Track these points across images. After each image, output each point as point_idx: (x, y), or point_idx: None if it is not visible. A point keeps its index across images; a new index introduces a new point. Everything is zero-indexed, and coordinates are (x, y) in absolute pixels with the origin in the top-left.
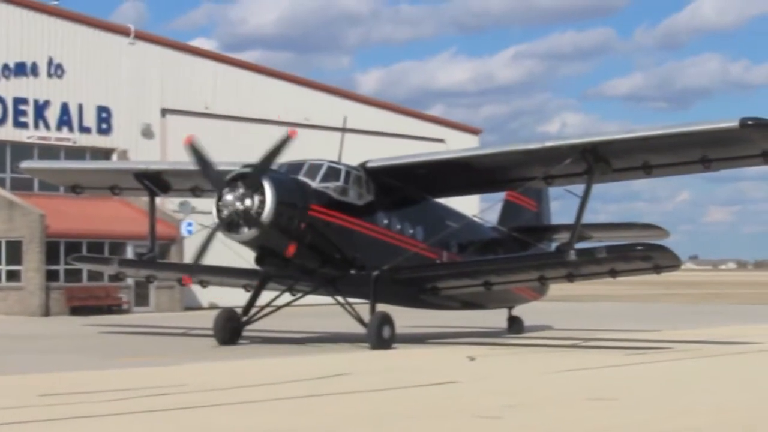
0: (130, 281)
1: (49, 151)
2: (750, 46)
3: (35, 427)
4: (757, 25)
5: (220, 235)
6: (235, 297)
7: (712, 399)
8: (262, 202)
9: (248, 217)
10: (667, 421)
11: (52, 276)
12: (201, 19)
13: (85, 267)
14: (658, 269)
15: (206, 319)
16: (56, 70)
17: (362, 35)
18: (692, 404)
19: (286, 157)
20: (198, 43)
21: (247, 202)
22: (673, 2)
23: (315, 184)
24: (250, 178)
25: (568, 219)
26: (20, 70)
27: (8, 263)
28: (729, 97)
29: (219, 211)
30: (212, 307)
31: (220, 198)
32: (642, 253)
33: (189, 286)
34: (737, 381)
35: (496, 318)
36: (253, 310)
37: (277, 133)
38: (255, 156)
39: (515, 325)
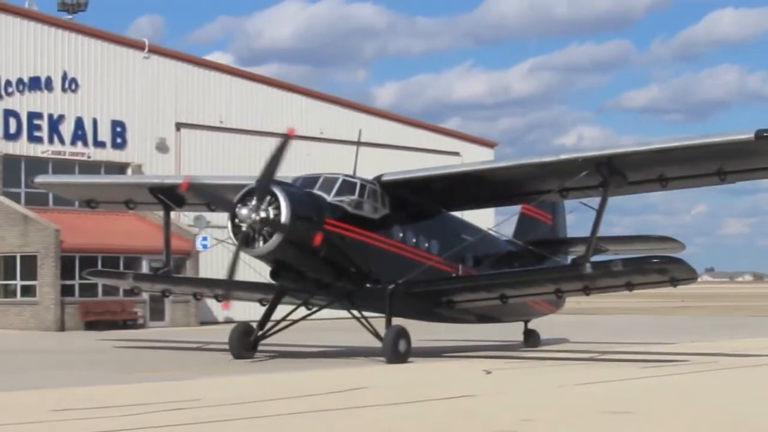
0: (145, 296)
1: (63, 166)
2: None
3: None
4: None
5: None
6: (250, 311)
7: (728, 412)
8: (278, 209)
9: (266, 223)
10: None
11: (67, 291)
12: (217, 32)
13: (100, 282)
14: (674, 282)
15: (221, 334)
16: (71, 84)
17: (378, 48)
18: (708, 417)
19: (301, 172)
20: (214, 57)
21: (262, 213)
22: (689, 14)
23: (330, 197)
24: (259, 189)
25: (584, 232)
26: (35, 84)
27: (23, 278)
28: (746, 108)
29: (236, 227)
30: (228, 321)
31: (234, 217)
32: (658, 266)
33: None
34: (754, 394)
35: (513, 331)
36: (269, 324)
37: (290, 147)
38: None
39: (531, 338)
